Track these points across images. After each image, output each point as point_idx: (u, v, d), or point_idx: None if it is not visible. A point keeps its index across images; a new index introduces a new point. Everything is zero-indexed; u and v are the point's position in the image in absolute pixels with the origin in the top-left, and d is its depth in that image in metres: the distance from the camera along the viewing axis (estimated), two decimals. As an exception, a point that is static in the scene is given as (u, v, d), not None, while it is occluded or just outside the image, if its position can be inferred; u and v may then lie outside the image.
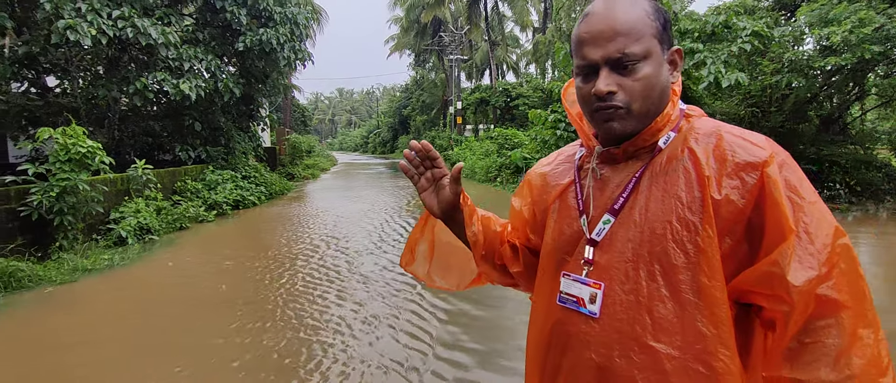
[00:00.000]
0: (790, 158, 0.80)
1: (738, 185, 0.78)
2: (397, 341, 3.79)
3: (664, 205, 0.82)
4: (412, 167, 1.06)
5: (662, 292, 0.80)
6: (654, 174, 0.85)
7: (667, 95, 0.86)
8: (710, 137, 0.83)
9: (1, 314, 4.47)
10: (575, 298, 0.88)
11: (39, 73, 10.05)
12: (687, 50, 8.97)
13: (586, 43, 0.84)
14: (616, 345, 0.82)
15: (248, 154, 13.73)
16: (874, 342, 0.74)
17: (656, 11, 0.85)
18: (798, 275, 0.73)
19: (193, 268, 6.11)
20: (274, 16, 11.64)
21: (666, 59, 0.86)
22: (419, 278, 1.23)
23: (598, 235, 0.88)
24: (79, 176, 6.32)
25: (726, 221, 0.78)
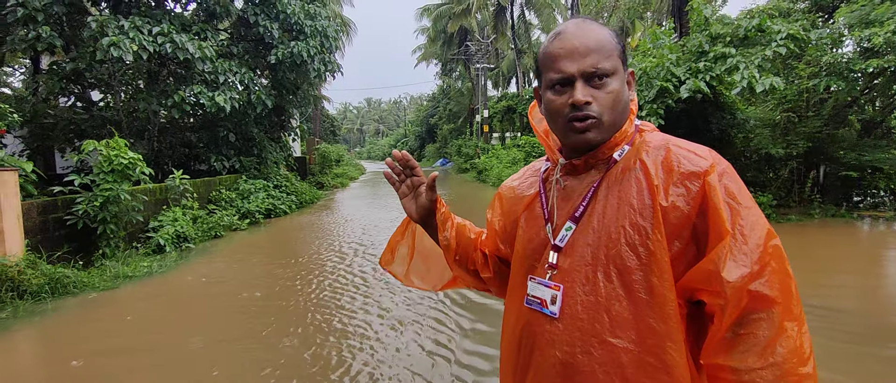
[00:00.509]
0: (730, 168, 0.88)
1: (684, 193, 0.85)
2: (422, 347, 3.82)
3: (619, 211, 0.89)
4: (394, 175, 1.15)
5: (618, 292, 0.86)
6: (611, 184, 0.92)
7: (628, 111, 0.95)
8: (660, 150, 0.91)
9: (49, 318, 4.70)
10: (539, 300, 0.95)
11: (85, 88, 10.56)
12: (719, 55, 8.78)
13: (562, 58, 0.91)
14: (578, 343, 0.89)
15: (279, 163, 14.05)
16: (798, 334, 0.81)
17: (616, 36, 0.95)
18: (732, 272, 0.80)
19: (227, 276, 6.28)
20: (304, 29, 11.94)
21: (625, 78, 0.95)
22: (397, 277, 1.32)
23: (562, 241, 0.95)
24: (121, 186, 6.60)
25: (674, 226, 0.85)
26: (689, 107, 9.38)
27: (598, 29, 0.92)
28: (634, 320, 0.85)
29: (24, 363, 3.95)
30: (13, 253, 5.34)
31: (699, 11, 9.44)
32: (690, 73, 8.88)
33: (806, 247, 7.35)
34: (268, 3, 11.73)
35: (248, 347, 3.89)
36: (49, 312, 4.84)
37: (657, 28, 11.22)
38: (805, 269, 5.96)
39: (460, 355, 3.70)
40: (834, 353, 3.55)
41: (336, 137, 39.31)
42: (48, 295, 5.19)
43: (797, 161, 9.88)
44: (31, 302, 5.02)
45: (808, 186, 9.81)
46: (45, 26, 8.26)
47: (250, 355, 3.74)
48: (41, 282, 5.21)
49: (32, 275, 5.18)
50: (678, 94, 8.64)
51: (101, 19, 8.38)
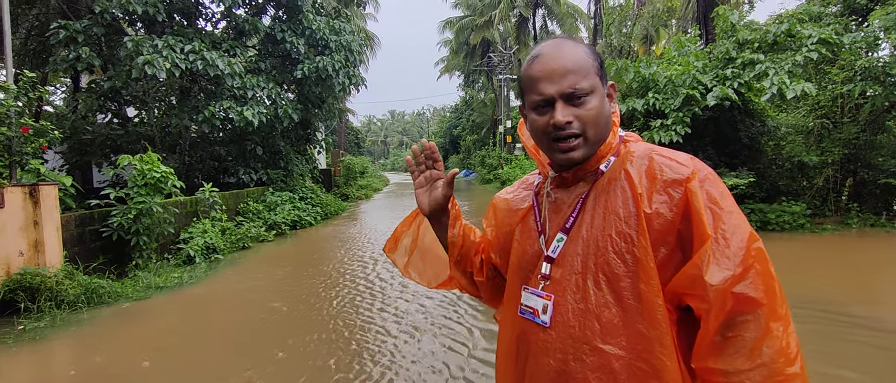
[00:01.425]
0: (712, 174, 0.90)
1: (667, 200, 0.88)
2: (432, 353, 3.82)
3: (605, 221, 0.92)
4: (415, 164, 1.16)
5: (608, 299, 0.89)
6: (598, 194, 0.96)
7: (610, 124, 0.98)
8: (643, 159, 0.94)
9: (85, 326, 4.86)
10: (531, 309, 0.98)
11: (121, 105, 10.99)
12: (747, 61, 8.60)
13: (541, 80, 0.93)
14: (570, 350, 0.91)
15: (305, 176, 14.29)
16: (783, 334, 0.82)
17: (593, 53, 0.97)
18: (715, 275, 0.81)
19: (255, 286, 6.39)
20: (329, 44, 12.19)
21: (606, 93, 0.97)
22: (397, 266, 1.33)
23: (554, 252, 0.98)
24: (153, 199, 6.81)
25: (658, 232, 0.87)
26: (717, 115, 9.19)
27: (574, 49, 0.95)
28: (624, 326, 0.87)
29: (61, 371, 4.09)
30: (52, 264, 5.56)
31: (725, 18, 9.29)
32: (717, 80, 8.72)
33: (845, 257, 7.09)
34: (294, 20, 12.04)
35: (275, 355, 3.95)
36: (84, 321, 5.00)
37: (682, 35, 11.07)
38: (845, 280, 5.74)
39: (476, 353, 3.68)
40: (875, 362, 3.40)
41: (360, 149, 39.80)
42: (84, 305, 5.37)
43: (833, 168, 9.56)
44: (68, 312, 5.20)
45: (844, 195, 9.46)
46: (85, 47, 8.64)
47: (278, 363, 3.79)
48: (78, 292, 5.40)
49: (70, 286, 5.38)
50: (705, 101, 8.49)
51: (137, 39, 8.72)
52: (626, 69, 9.76)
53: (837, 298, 4.87)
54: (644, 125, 9.36)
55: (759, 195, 9.42)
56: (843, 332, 4.08)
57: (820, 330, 4.12)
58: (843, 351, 3.74)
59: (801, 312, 4.47)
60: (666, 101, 9.00)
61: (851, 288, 5.36)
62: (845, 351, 3.74)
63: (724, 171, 9.06)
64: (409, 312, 5.02)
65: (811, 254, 7.32)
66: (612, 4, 23.51)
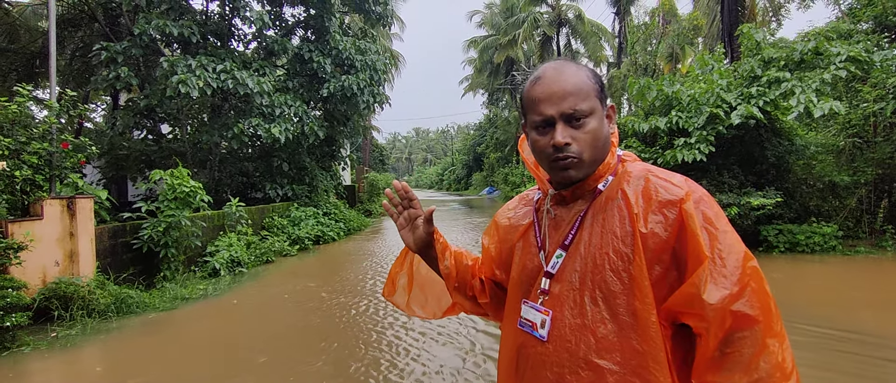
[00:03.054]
0: (707, 195, 0.92)
1: (662, 220, 0.90)
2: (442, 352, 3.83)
3: (602, 239, 0.95)
4: (393, 207, 1.20)
5: (603, 315, 0.91)
6: (595, 213, 0.98)
7: (608, 145, 1.01)
8: (639, 180, 0.96)
9: (113, 334, 5.04)
10: (530, 323, 1.01)
11: (156, 121, 11.45)
12: (773, 79, 8.47)
13: (542, 101, 0.97)
14: (566, 363, 0.94)
15: (329, 191, 14.54)
16: (779, 350, 0.85)
17: (594, 76, 1.00)
18: (713, 294, 0.84)
19: (277, 299, 6.53)
20: (355, 63, 12.50)
21: (605, 115, 1.00)
22: (400, 307, 1.36)
23: (553, 268, 1.01)
24: (182, 212, 7.06)
25: (653, 251, 0.89)
26: (743, 134, 9.04)
27: (575, 71, 0.98)
28: (619, 342, 0.90)
29: (89, 378, 4.25)
30: (85, 274, 5.80)
31: (750, 36, 9.19)
32: (742, 99, 8.60)
33: (881, 282, 6.83)
34: (322, 40, 12.41)
35: (294, 362, 4.03)
36: (113, 330, 5.19)
37: (706, 53, 10.97)
38: (883, 306, 5.54)
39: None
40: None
41: (385, 166, 40.21)
42: (114, 314, 5.58)
43: (866, 189, 9.25)
44: (98, 321, 5.41)
45: (879, 217, 9.13)
46: (124, 67, 9.08)
47: (300, 372, 3.87)
48: (108, 301, 5.61)
49: (101, 295, 5.60)
50: (729, 120, 8.37)
51: (172, 59, 9.13)
52: (649, 87, 9.71)
53: (875, 326, 4.71)
54: (668, 144, 9.27)
55: (788, 215, 9.18)
56: (881, 363, 3.94)
57: (856, 358, 3.99)
58: (882, 378, 3.62)
59: (835, 339, 4.34)
60: (689, 120, 8.90)
61: (890, 315, 5.16)
62: (886, 378, 3.62)
63: (750, 191, 8.87)
64: (425, 323, 5.06)
65: (845, 277, 7.08)
66: (636, 23, 23.44)
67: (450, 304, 1.33)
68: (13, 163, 5.01)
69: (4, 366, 4.18)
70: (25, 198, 5.37)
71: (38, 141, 5.35)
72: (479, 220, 17.22)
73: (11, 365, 4.21)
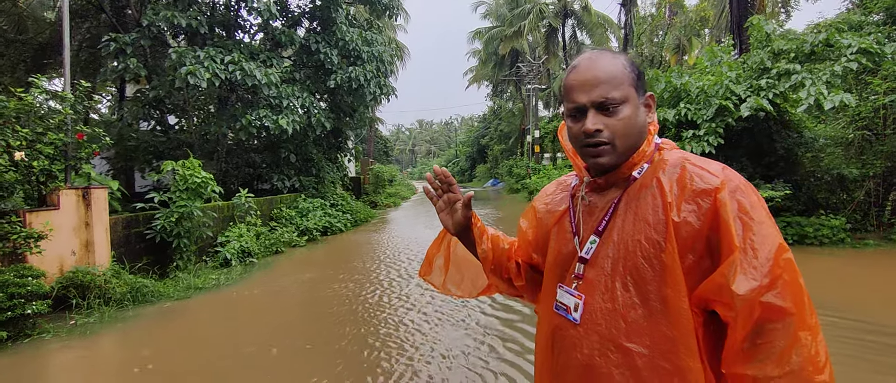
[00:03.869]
0: (745, 185, 0.92)
1: (695, 209, 0.91)
2: (447, 351, 3.88)
3: (635, 226, 0.96)
4: (433, 190, 1.24)
5: (634, 300, 0.94)
6: (629, 200, 1.00)
7: (644, 134, 1.02)
8: (675, 168, 0.97)
9: (130, 324, 5.11)
10: (565, 306, 1.04)
11: (163, 113, 11.48)
12: (782, 71, 8.44)
13: (575, 89, 1.00)
14: (596, 346, 0.97)
15: (335, 183, 14.58)
16: (812, 343, 0.84)
17: (631, 65, 1.01)
18: (742, 284, 0.84)
19: (288, 289, 6.59)
20: (361, 54, 12.48)
21: (642, 103, 1.02)
22: (436, 287, 1.41)
23: (587, 253, 1.03)
24: (194, 203, 7.11)
25: (686, 240, 0.91)
26: (752, 126, 9.02)
27: (610, 60, 1.00)
28: (649, 327, 0.92)
29: (105, 369, 4.32)
30: (101, 263, 5.87)
31: (760, 28, 9.14)
32: (751, 91, 8.58)
33: (892, 274, 6.84)
34: (328, 31, 12.39)
35: (304, 347, 4.09)
36: (130, 319, 5.26)
37: (715, 45, 10.92)
38: (892, 299, 5.56)
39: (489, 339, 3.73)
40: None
41: (389, 158, 40.27)
42: (130, 303, 5.65)
43: (874, 182, 9.24)
44: (115, 309, 5.48)
45: (888, 209, 9.13)
46: (133, 58, 9.10)
47: (311, 354, 3.93)
48: (124, 290, 5.68)
49: (117, 284, 5.67)
50: (738, 112, 8.35)
51: (180, 50, 9.14)
52: (658, 79, 9.69)
53: (888, 317, 4.74)
54: (676, 136, 9.26)
55: (796, 208, 9.18)
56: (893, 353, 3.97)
57: (866, 349, 4.02)
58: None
59: (845, 331, 4.37)
60: (698, 112, 8.89)
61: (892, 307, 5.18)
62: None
63: (760, 183, 8.87)
64: (433, 308, 5.11)
65: (853, 269, 7.09)
66: (643, 14, 23.31)
67: (485, 285, 1.37)
68: (30, 153, 5.05)
69: (27, 353, 4.25)
70: (42, 187, 5.42)
71: (54, 131, 5.39)
72: (484, 212, 17.26)
73: (34, 352, 4.28)
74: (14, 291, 4.36)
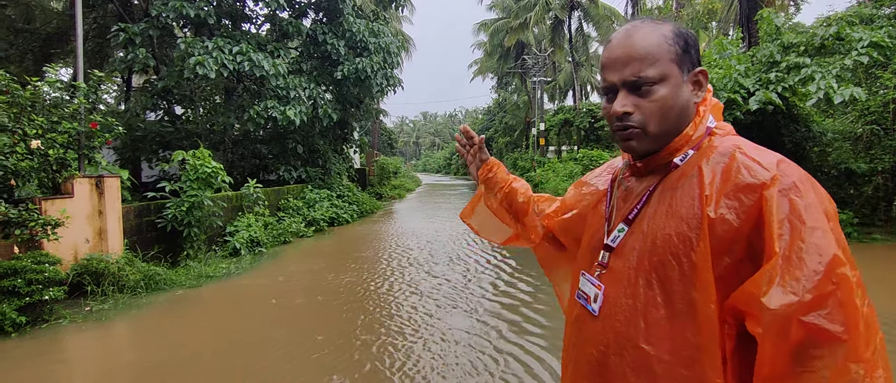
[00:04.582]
0: (805, 182, 0.79)
1: (736, 206, 0.80)
2: (463, 318, 3.94)
3: (668, 219, 0.87)
4: (462, 146, 1.45)
5: (657, 300, 0.85)
6: (665, 189, 0.90)
7: (687, 116, 0.91)
8: (723, 156, 0.86)
9: (144, 311, 5.18)
10: (586, 296, 0.98)
11: (170, 103, 11.52)
12: (792, 64, 8.42)
13: (607, 67, 0.92)
14: (612, 344, 0.90)
15: (342, 174, 14.63)
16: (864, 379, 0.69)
17: (676, 36, 0.90)
18: (775, 298, 0.72)
19: (297, 278, 6.65)
20: (368, 46, 12.48)
21: (688, 81, 0.90)
22: (473, 229, 1.53)
23: (614, 242, 0.95)
24: (204, 193, 7.17)
25: (722, 240, 0.80)
26: (760, 120, 9.01)
27: (647, 33, 0.89)
28: (670, 330, 0.83)
29: (122, 354, 4.40)
30: (114, 251, 5.94)
31: (769, 21, 9.10)
32: (760, 84, 8.56)
33: (893, 268, 6.86)
34: (335, 22, 12.38)
35: (315, 339, 4.15)
36: (143, 306, 5.34)
37: (723, 38, 10.87)
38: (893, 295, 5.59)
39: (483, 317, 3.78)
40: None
41: (393, 150, 40.28)
42: (143, 291, 5.73)
43: (883, 177, 9.23)
44: (129, 296, 5.55)
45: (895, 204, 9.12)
46: (141, 48, 9.13)
47: (323, 344, 3.99)
48: (137, 278, 5.76)
49: (130, 272, 5.74)
50: (747, 105, 8.34)
51: (189, 41, 9.17)
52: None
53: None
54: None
55: (802, 202, 9.18)
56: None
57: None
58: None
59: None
60: (706, 105, 8.87)
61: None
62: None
63: (766, 177, 8.87)
64: (435, 294, 5.17)
65: (860, 264, 7.08)
66: (649, 6, 23.15)
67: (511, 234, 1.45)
68: (45, 141, 5.11)
69: (45, 337, 4.33)
70: (57, 176, 5.48)
71: (68, 121, 5.43)
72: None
73: (52, 337, 4.36)
74: (32, 277, 4.43)
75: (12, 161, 4.58)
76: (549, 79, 30.55)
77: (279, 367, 3.69)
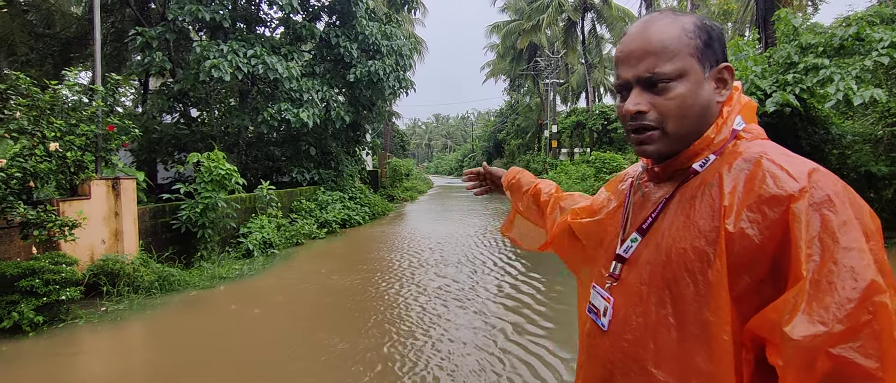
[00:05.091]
0: (840, 196, 0.69)
1: (758, 220, 0.71)
2: (470, 314, 3.92)
3: (684, 231, 0.79)
4: (476, 186, 1.59)
5: (669, 320, 0.78)
6: (683, 198, 0.83)
7: (709, 116, 0.83)
8: (747, 163, 0.77)
9: (158, 312, 5.25)
10: (596, 309, 0.92)
11: (186, 105, 11.68)
12: (810, 66, 8.26)
13: (620, 62, 0.85)
14: (619, 363, 0.84)
15: (354, 176, 14.70)
16: None
17: (698, 28, 0.82)
18: (799, 327, 0.64)
19: (309, 279, 6.69)
20: (381, 49, 12.53)
21: (710, 78, 0.83)
22: (514, 241, 1.57)
23: (626, 252, 0.89)
24: (218, 194, 7.25)
25: (741, 257, 0.72)
26: (776, 122, 8.86)
27: (666, 25, 0.82)
28: (681, 354, 0.76)
29: (137, 354, 4.45)
30: (129, 252, 6.02)
31: (787, 21, 8.96)
32: (777, 86, 8.42)
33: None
34: (348, 25, 12.46)
35: (331, 338, 4.16)
36: (158, 306, 5.40)
37: (739, 39, 10.72)
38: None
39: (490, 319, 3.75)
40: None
41: (405, 152, 40.41)
42: (157, 291, 5.80)
43: (904, 180, 9.02)
44: (143, 297, 5.63)
45: (917, 208, 8.90)
46: (158, 52, 9.27)
47: (331, 345, 4.00)
48: (152, 279, 5.83)
49: (145, 273, 5.81)
50: (763, 107, 8.21)
51: (204, 44, 9.29)
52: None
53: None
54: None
55: (821, 206, 9.01)
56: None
57: None
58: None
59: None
60: (721, 107, 8.76)
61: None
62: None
63: (784, 180, 8.72)
64: (443, 295, 5.15)
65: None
66: (663, 7, 22.95)
67: (542, 241, 1.41)
68: (64, 144, 5.20)
69: (62, 337, 4.40)
70: (74, 178, 5.57)
71: (86, 124, 5.53)
72: (501, 207, 17.23)
73: (68, 336, 4.43)
74: (49, 278, 4.50)
75: (31, 163, 4.67)
76: (562, 81, 30.44)
77: (290, 368, 3.71)
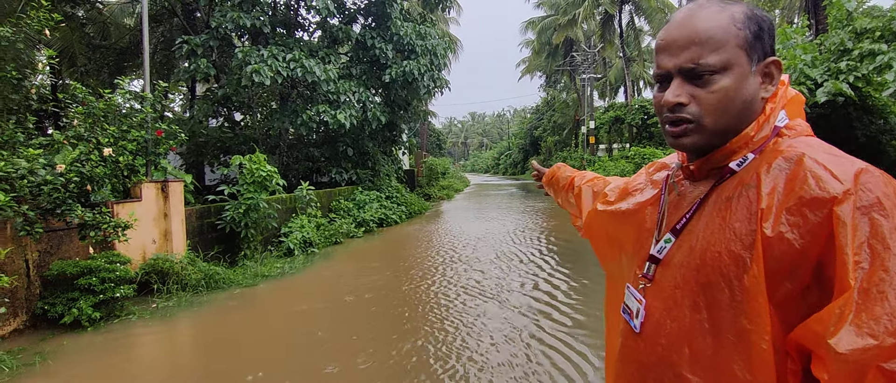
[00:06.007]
0: (893, 198, 0.65)
1: (799, 223, 0.67)
2: (493, 343, 3.91)
3: (720, 234, 0.75)
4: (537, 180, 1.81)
5: (704, 326, 0.75)
6: (720, 199, 0.79)
7: (751, 112, 0.79)
8: (789, 162, 0.72)
9: (205, 308, 5.48)
10: (629, 310, 0.89)
11: (230, 110, 12.12)
12: (866, 52, 7.82)
13: (661, 50, 0.81)
14: (652, 368, 0.81)
15: (390, 176, 14.89)
16: None
17: (748, 19, 0.78)
18: (846, 340, 0.60)
19: (349, 277, 6.83)
20: (416, 49, 12.63)
21: (757, 72, 0.78)
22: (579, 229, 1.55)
23: (660, 253, 0.85)
24: (260, 195, 7.50)
25: (780, 262, 0.68)
26: (829, 113, 8.43)
27: (713, 14, 0.78)
28: (717, 361, 0.73)
29: (186, 348, 4.67)
30: (178, 251, 6.31)
31: (840, 5, 8.49)
32: (829, 74, 8.00)
33: None
34: (383, 26, 12.62)
35: (365, 337, 4.25)
36: (205, 303, 5.64)
37: (788, 26, 10.24)
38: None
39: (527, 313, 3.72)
40: None
41: (441, 151, 40.57)
42: (204, 289, 6.05)
43: (974, 171, 8.41)
44: (191, 294, 5.89)
45: None
46: (203, 59, 9.66)
47: (378, 341, 4.09)
48: (199, 277, 6.09)
49: (192, 271, 6.08)
50: (814, 98, 7.82)
51: (245, 50, 9.61)
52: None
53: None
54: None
55: (879, 200, 8.52)
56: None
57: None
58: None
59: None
60: (768, 98, 8.40)
61: None
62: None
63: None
64: (477, 290, 5.16)
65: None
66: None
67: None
68: (117, 149, 5.50)
69: (118, 331, 4.67)
70: (126, 181, 5.89)
71: (137, 129, 5.83)
72: (538, 205, 17.07)
73: (123, 331, 4.69)
74: (105, 276, 4.78)
75: (88, 168, 4.96)
76: (599, 75, 29.85)
77: (328, 361, 3.81)
